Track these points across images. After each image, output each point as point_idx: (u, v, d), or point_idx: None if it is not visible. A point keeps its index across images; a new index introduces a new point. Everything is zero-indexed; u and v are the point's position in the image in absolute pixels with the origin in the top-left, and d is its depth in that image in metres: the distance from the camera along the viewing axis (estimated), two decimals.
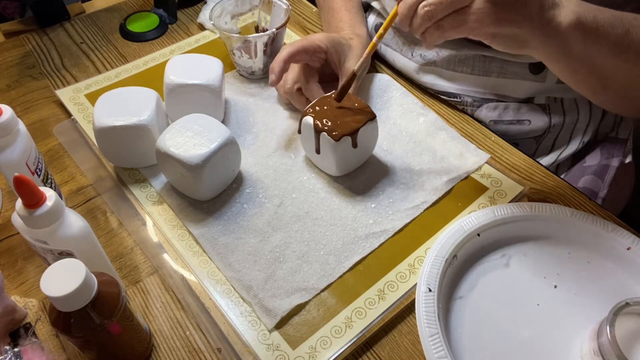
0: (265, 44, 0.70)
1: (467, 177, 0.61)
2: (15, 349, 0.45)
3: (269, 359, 0.47)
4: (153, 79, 0.74)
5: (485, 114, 0.68)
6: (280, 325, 0.49)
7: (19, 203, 0.40)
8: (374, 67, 0.76)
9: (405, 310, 0.51)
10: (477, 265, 0.53)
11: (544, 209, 0.54)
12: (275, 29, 0.69)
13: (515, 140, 0.69)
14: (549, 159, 0.69)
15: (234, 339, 0.48)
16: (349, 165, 0.61)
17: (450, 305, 0.50)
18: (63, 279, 0.37)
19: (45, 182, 0.55)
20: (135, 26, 0.85)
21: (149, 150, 0.58)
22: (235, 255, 0.54)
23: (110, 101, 0.59)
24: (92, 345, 0.43)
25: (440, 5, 0.45)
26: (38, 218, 0.40)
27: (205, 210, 0.58)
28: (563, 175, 0.71)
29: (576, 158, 0.71)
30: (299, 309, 0.50)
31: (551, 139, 0.69)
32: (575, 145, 0.69)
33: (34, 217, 0.40)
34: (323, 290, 0.52)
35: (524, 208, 0.55)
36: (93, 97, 0.71)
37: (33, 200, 0.40)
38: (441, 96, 0.70)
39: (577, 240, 0.54)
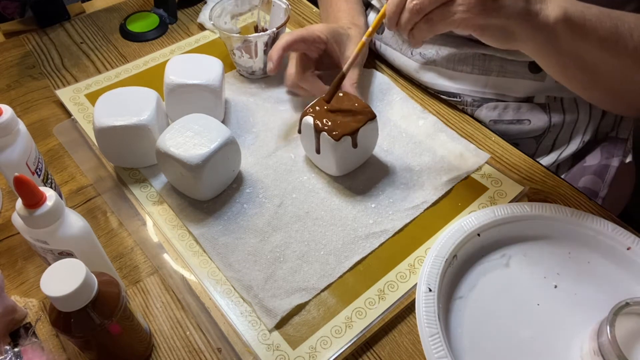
0: (266, 44, 0.70)
1: (467, 177, 0.61)
2: (15, 349, 0.45)
3: (269, 359, 0.47)
4: (153, 79, 0.74)
5: (485, 114, 0.68)
6: (280, 325, 0.49)
7: (19, 203, 0.40)
8: (374, 67, 0.76)
9: (405, 310, 0.51)
10: (477, 265, 0.53)
11: (544, 209, 0.54)
12: (275, 29, 0.69)
13: (515, 140, 0.69)
14: (549, 159, 0.69)
15: (234, 339, 0.48)
16: (349, 165, 0.61)
17: (450, 305, 0.50)
18: (63, 279, 0.37)
19: (45, 182, 0.55)
20: (135, 26, 0.85)
21: (149, 150, 0.58)
22: (235, 255, 0.54)
23: (110, 101, 0.59)
24: (92, 345, 0.43)
25: None
26: (38, 218, 0.40)
27: (205, 210, 0.58)
28: (563, 175, 0.71)
29: (576, 158, 0.71)
30: (299, 309, 0.50)
31: (551, 138, 0.69)
32: (575, 145, 0.69)
33: (34, 217, 0.40)
34: (323, 290, 0.52)
35: (524, 208, 0.54)
36: (93, 97, 0.71)
37: (33, 200, 0.40)
38: (441, 96, 0.70)
39: (577, 240, 0.54)
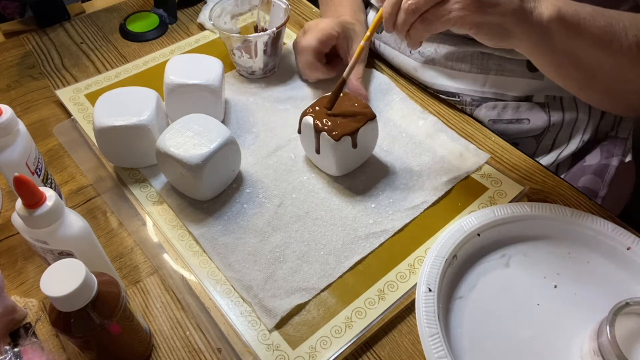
0: (265, 44, 0.70)
1: (467, 177, 0.61)
2: (15, 349, 0.45)
3: (269, 359, 0.47)
4: (153, 79, 0.74)
5: (484, 113, 0.68)
6: (280, 325, 0.49)
7: (19, 203, 0.40)
8: (373, 66, 0.76)
9: (405, 310, 0.51)
10: (477, 265, 0.53)
11: (544, 209, 0.54)
12: (275, 28, 0.68)
13: (515, 139, 0.69)
14: (549, 159, 0.69)
15: (234, 339, 0.48)
16: (349, 165, 0.61)
17: (450, 305, 0.50)
18: (63, 279, 0.37)
19: (45, 182, 0.55)
20: (135, 26, 0.85)
21: (149, 150, 0.58)
22: (235, 255, 0.54)
23: (110, 101, 0.59)
24: (92, 345, 0.43)
25: None
26: (38, 218, 0.40)
27: (205, 210, 0.58)
28: (563, 175, 0.71)
29: (576, 157, 0.71)
30: (299, 309, 0.50)
31: (551, 138, 0.69)
32: (575, 144, 0.69)
33: (34, 217, 0.40)
34: (323, 290, 0.52)
35: (524, 208, 0.54)
36: (93, 97, 0.71)
37: (33, 200, 0.40)
38: (440, 95, 0.70)
39: (577, 240, 0.54)
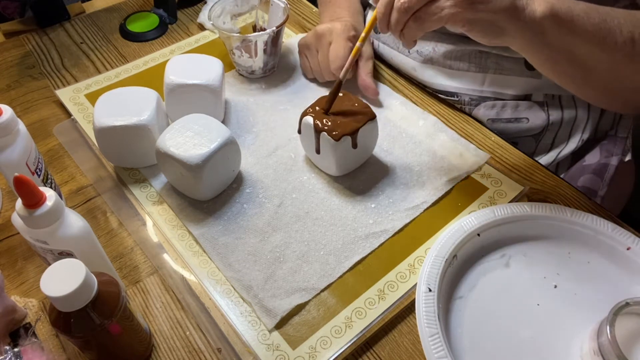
0: (266, 43, 0.70)
1: (467, 177, 0.61)
2: (15, 349, 0.45)
3: (269, 359, 0.47)
4: (153, 79, 0.74)
5: (483, 113, 0.68)
6: (280, 325, 0.49)
7: (19, 203, 0.40)
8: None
9: (405, 310, 0.51)
10: (477, 265, 0.53)
11: (544, 209, 0.54)
12: (275, 27, 0.68)
13: (514, 138, 0.69)
14: (548, 158, 0.69)
15: (234, 339, 0.48)
16: (349, 165, 0.61)
17: (450, 305, 0.50)
18: (63, 279, 0.37)
19: (45, 182, 0.55)
20: (135, 26, 0.85)
21: (149, 150, 0.58)
22: (235, 255, 0.54)
23: (110, 101, 0.59)
24: (92, 345, 0.43)
25: None
26: (38, 218, 0.40)
27: (205, 210, 0.58)
28: (563, 175, 0.71)
29: (576, 157, 0.71)
30: (299, 309, 0.50)
31: (550, 137, 0.69)
32: (574, 143, 0.69)
33: (34, 217, 0.40)
34: (323, 290, 0.52)
35: (524, 208, 0.54)
36: (93, 97, 0.71)
37: (33, 200, 0.40)
38: (439, 95, 0.70)
39: (577, 240, 0.54)
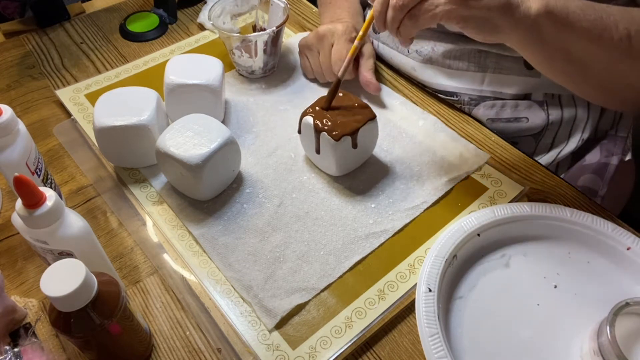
0: (265, 43, 0.70)
1: (467, 177, 0.61)
2: (15, 349, 0.45)
3: (269, 359, 0.47)
4: (153, 79, 0.74)
5: (482, 112, 0.68)
6: (280, 325, 0.49)
7: (19, 203, 0.40)
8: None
9: (405, 310, 0.51)
10: (477, 265, 0.53)
11: (544, 209, 0.54)
12: (275, 27, 0.68)
13: (514, 138, 0.69)
14: (548, 157, 0.69)
15: (234, 339, 0.48)
16: (349, 165, 0.61)
17: (450, 305, 0.50)
18: (63, 279, 0.37)
19: (45, 182, 0.55)
20: (135, 26, 0.85)
21: (149, 150, 0.58)
22: (235, 255, 0.54)
23: (110, 101, 0.59)
24: (92, 345, 0.43)
25: None
26: (38, 218, 0.40)
27: (205, 210, 0.58)
28: (563, 175, 0.71)
29: (576, 156, 0.71)
30: (299, 309, 0.50)
31: (550, 136, 0.69)
32: (574, 142, 0.69)
33: (34, 217, 0.40)
34: (323, 290, 0.52)
35: (524, 208, 0.54)
36: (93, 97, 0.71)
37: (33, 200, 0.40)
38: (439, 95, 0.70)
39: (577, 240, 0.54)
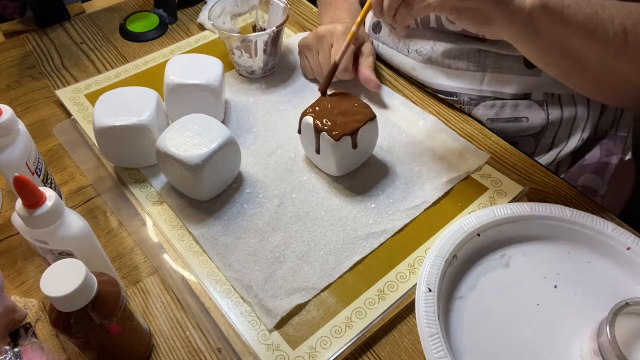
0: (266, 43, 0.70)
1: (467, 177, 0.61)
2: (15, 349, 0.45)
3: (269, 359, 0.47)
4: (153, 79, 0.74)
5: (482, 112, 0.68)
6: (280, 325, 0.49)
7: (19, 203, 0.40)
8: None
9: (405, 310, 0.51)
10: (477, 265, 0.53)
11: (544, 209, 0.54)
12: (275, 27, 0.68)
13: (514, 138, 0.69)
14: (548, 157, 0.69)
15: (234, 339, 0.48)
16: (349, 165, 0.61)
17: (450, 305, 0.50)
18: (63, 279, 0.37)
19: (45, 182, 0.55)
20: (135, 26, 0.85)
21: (149, 150, 0.58)
22: (235, 255, 0.54)
23: (110, 101, 0.59)
24: (92, 345, 0.43)
25: None
26: (38, 218, 0.40)
27: (205, 210, 0.58)
28: (563, 175, 0.71)
29: (576, 156, 0.71)
30: (299, 309, 0.50)
31: (550, 136, 0.69)
32: (574, 142, 0.69)
33: (34, 217, 0.40)
34: (323, 290, 0.52)
35: (524, 208, 0.54)
36: (93, 97, 0.71)
37: (33, 200, 0.40)
38: (439, 95, 0.70)
39: (577, 240, 0.54)
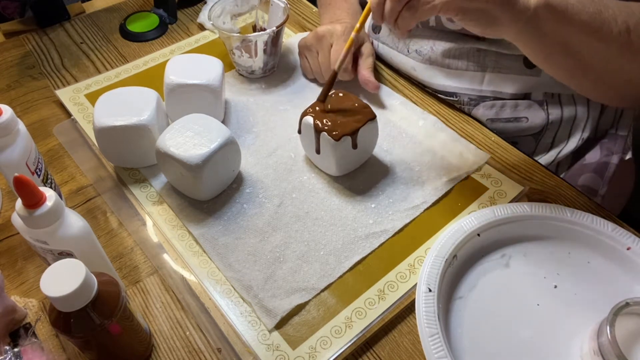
0: (266, 43, 0.70)
1: (467, 177, 0.61)
2: (15, 349, 0.45)
3: (269, 359, 0.47)
4: (153, 79, 0.74)
5: (482, 112, 0.68)
6: (280, 325, 0.49)
7: (19, 203, 0.40)
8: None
9: (405, 310, 0.51)
10: (477, 265, 0.53)
11: (544, 209, 0.54)
12: (275, 27, 0.68)
13: (514, 138, 0.69)
14: (548, 157, 0.69)
15: (234, 339, 0.48)
16: (349, 165, 0.61)
17: (450, 305, 0.50)
18: (63, 279, 0.37)
19: (45, 182, 0.55)
20: (135, 26, 0.85)
21: (149, 150, 0.58)
22: (235, 255, 0.54)
23: (110, 101, 0.59)
24: (92, 346, 0.43)
25: None
26: (38, 218, 0.40)
27: (205, 210, 0.58)
28: (563, 175, 0.71)
29: (576, 155, 0.71)
30: (299, 309, 0.50)
31: (550, 136, 0.69)
32: (574, 142, 0.69)
33: (34, 217, 0.40)
34: (323, 290, 0.52)
35: (524, 208, 0.54)
36: (93, 97, 0.71)
37: (33, 200, 0.40)
38: (439, 95, 0.70)
39: (577, 240, 0.54)
